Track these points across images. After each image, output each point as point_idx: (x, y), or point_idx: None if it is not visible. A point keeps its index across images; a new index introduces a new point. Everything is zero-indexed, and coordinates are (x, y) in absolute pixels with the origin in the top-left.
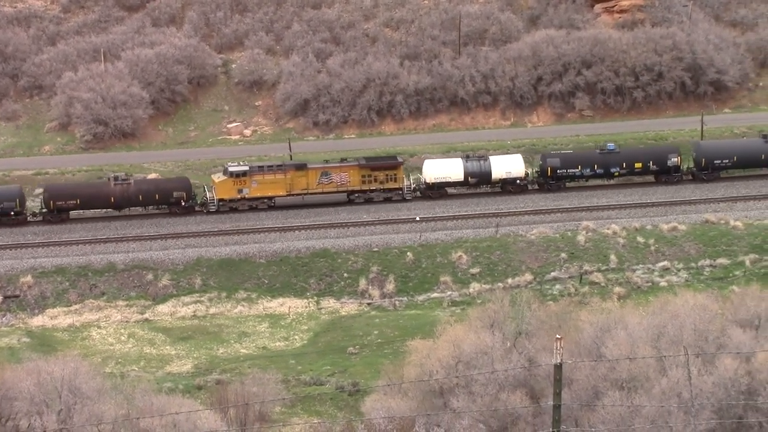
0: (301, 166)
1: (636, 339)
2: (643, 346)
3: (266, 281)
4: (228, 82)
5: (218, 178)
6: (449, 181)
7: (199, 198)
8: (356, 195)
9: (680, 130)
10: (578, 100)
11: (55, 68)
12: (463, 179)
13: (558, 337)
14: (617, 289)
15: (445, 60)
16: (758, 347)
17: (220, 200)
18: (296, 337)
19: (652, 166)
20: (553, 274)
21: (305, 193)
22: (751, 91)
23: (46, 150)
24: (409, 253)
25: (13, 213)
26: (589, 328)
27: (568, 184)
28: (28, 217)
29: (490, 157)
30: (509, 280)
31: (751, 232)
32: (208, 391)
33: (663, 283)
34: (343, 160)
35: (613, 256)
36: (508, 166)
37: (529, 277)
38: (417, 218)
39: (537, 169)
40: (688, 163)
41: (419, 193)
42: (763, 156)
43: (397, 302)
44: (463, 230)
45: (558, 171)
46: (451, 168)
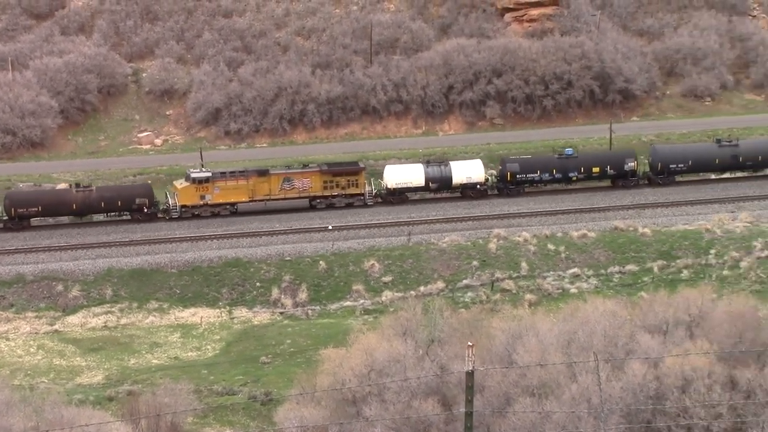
0: (263, 172)
1: (547, 345)
2: (553, 353)
3: (178, 291)
4: (139, 92)
5: (180, 184)
6: (410, 186)
7: (161, 204)
8: (318, 201)
9: (589, 138)
10: (489, 108)
11: None
12: (424, 184)
13: (469, 344)
14: (528, 296)
15: (357, 69)
16: (666, 352)
17: (183, 206)
18: (208, 347)
19: (610, 171)
20: (465, 282)
21: (268, 199)
22: (658, 99)
23: None
24: (321, 262)
25: None
26: (500, 335)
27: (527, 189)
28: None
29: (451, 163)
30: (421, 288)
31: (659, 239)
32: (120, 403)
33: (573, 290)
34: (305, 165)
35: (524, 264)
36: (468, 171)
37: (441, 284)
38: (329, 227)
39: (496, 174)
40: (644, 167)
41: (380, 199)
42: (717, 160)
43: (310, 311)
44: (375, 239)
45: (517, 176)
46: (412, 174)
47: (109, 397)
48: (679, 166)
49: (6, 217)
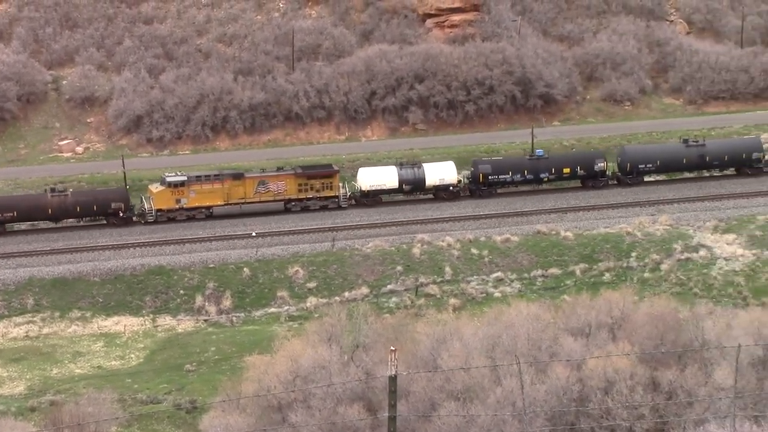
0: (238, 176)
1: (471, 349)
2: (478, 357)
3: (101, 300)
4: (59, 99)
5: (156, 188)
6: (384, 188)
7: (136, 209)
8: (293, 203)
9: (512, 143)
10: (411, 114)
11: None
12: (397, 186)
13: (392, 349)
14: (452, 301)
15: (279, 75)
16: (589, 354)
17: (158, 210)
18: (132, 356)
19: (580, 171)
20: (390, 287)
21: (243, 203)
22: (578, 104)
23: None
24: (245, 269)
25: None
26: (425, 340)
27: (499, 191)
28: None
29: (424, 165)
30: (346, 294)
31: (581, 243)
32: (42, 413)
33: (497, 294)
34: (280, 168)
35: (448, 268)
36: (441, 173)
37: (365, 290)
38: (253, 233)
39: (468, 176)
40: (611, 168)
41: (354, 201)
42: (685, 160)
43: (234, 318)
44: (299, 245)
45: (489, 177)
46: (385, 176)
47: (32, 407)
48: (648, 166)
49: None
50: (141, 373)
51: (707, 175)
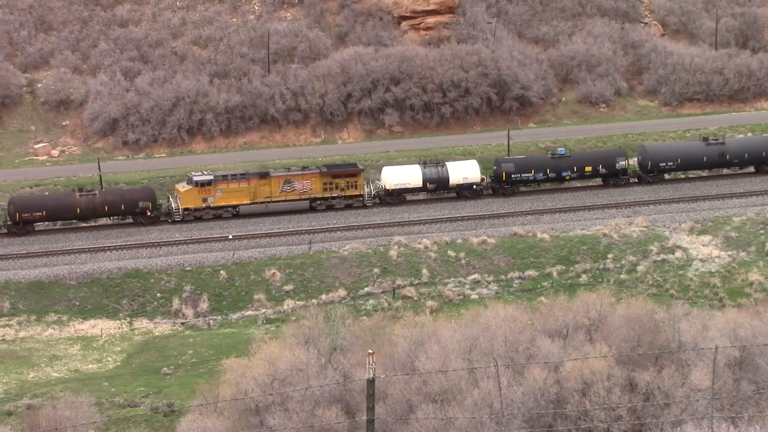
0: (264, 175)
1: (449, 352)
2: (455, 359)
3: (77, 303)
4: (34, 102)
5: (183, 187)
6: (408, 187)
7: (163, 208)
8: (318, 202)
9: (487, 145)
10: (387, 116)
11: None
12: (421, 185)
13: (370, 352)
14: (430, 303)
15: (255, 78)
16: (566, 356)
17: (186, 209)
18: (109, 359)
19: (601, 170)
20: (367, 290)
21: (269, 201)
22: (554, 106)
23: None
24: (222, 272)
25: None
26: (402, 342)
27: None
28: None
29: (447, 163)
30: (323, 296)
31: (558, 244)
32: (19, 417)
33: (474, 296)
34: (305, 167)
35: (425, 270)
36: (464, 171)
37: (342, 292)
38: (230, 236)
39: (491, 174)
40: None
41: (378, 200)
42: (705, 158)
43: (212, 321)
44: (276, 247)
45: (512, 175)
46: (410, 174)
47: (8, 411)
48: (669, 164)
49: (10, 222)
50: (118, 376)
51: (726, 172)
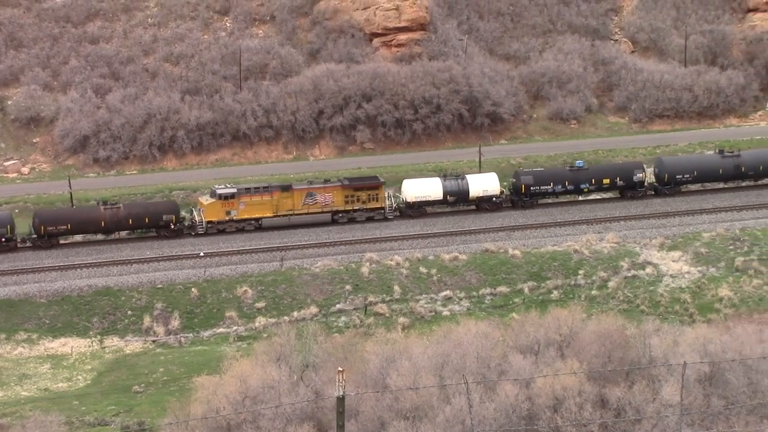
0: (286, 188)
1: (420, 368)
2: (426, 376)
3: (47, 321)
4: (4, 119)
5: (206, 200)
6: (429, 200)
7: (186, 221)
8: (340, 215)
9: (459, 161)
10: (359, 133)
11: None
12: (442, 198)
13: (340, 369)
14: (401, 320)
15: (227, 94)
16: (537, 372)
17: (209, 222)
18: (79, 378)
19: (619, 182)
20: (339, 306)
21: (291, 214)
22: (525, 122)
23: None
24: (193, 289)
25: (4, 239)
26: (374, 359)
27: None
28: (18, 243)
29: (467, 176)
30: (295, 314)
31: (529, 261)
32: None
33: (446, 312)
34: (327, 180)
35: (396, 287)
36: (484, 184)
37: (314, 309)
38: (201, 253)
39: (510, 187)
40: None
41: (399, 213)
42: (721, 170)
43: (183, 339)
44: (248, 264)
45: (531, 188)
46: (430, 187)
47: None
48: (685, 176)
49: (35, 236)
50: (88, 395)
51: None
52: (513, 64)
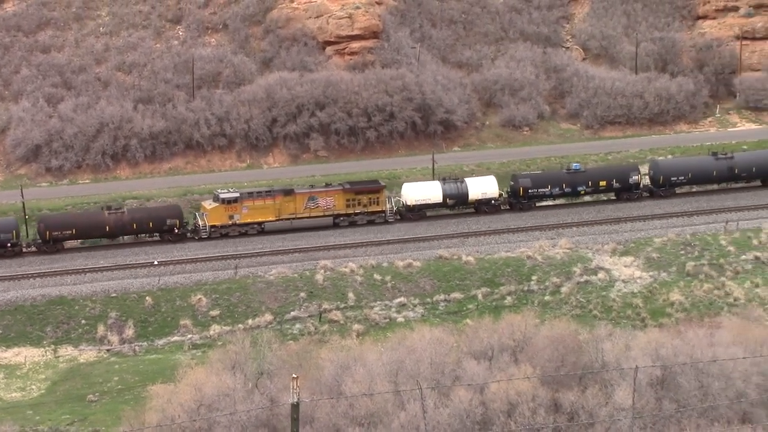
0: (288, 192)
1: (375, 375)
2: (381, 382)
3: (0, 331)
4: None
5: (210, 204)
6: (429, 203)
7: (190, 225)
8: (341, 218)
9: (413, 168)
10: (313, 140)
11: None
12: (442, 201)
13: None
14: (356, 326)
15: (180, 103)
16: (491, 378)
17: (212, 226)
18: (33, 387)
19: (615, 184)
20: (293, 314)
21: (293, 218)
22: (478, 129)
23: None
24: (148, 298)
25: (9, 245)
26: (329, 366)
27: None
28: (24, 249)
29: (466, 179)
30: (249, 321)
31: (483, 267)
32: None
33: (400, 319)
34: (328, 184)
35: (351, 294)
36: (483, 187)
37: (269, 317)
38: (155, 262)
39: (508, 190)
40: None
41: (399, 216)
42: (715, 172)
43: (137, 347)
44: (202, 273)
45: (529, 191)
46: (430, 191)
47: None
48: (680, 178)
49: (40, 241)
50: (43, 404)
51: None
52: (466, 71)
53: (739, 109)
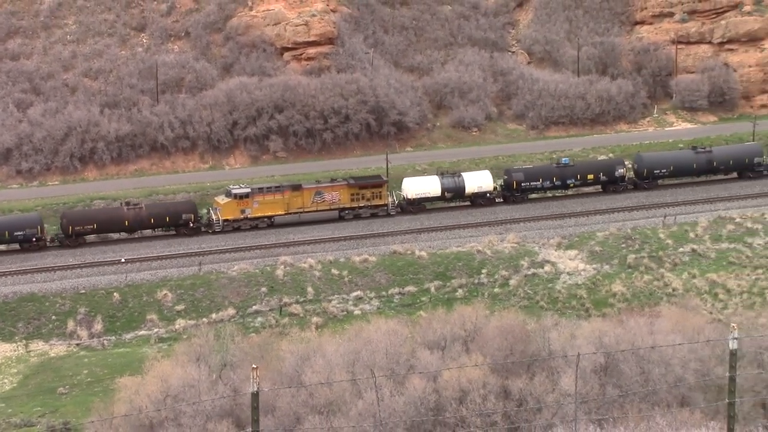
0: (296, 187)
1: (333, 365)
2: (339, 372)
3: None
4: None
5: (222, 200)
6: (428, 196)
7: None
8: (346, 212)
9: (367, 168)
10: (272, 142)
11: None
12: (440, 194)
13: (254, 366)
14: (315, 319)
15: (144, 107)
16: (444, 366)
17: (225, 220)
18: (5, 381)
19: (602, 177)
20: (255, 308)
21: (301, 212)
22: (429, 130)
23: None
24: (115, 294)
25: (35, 239)
26: (290, 357)
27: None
28: (48, 243)
29: (463, 174)
30: (213, 315)
31: (435, 261)
32: None
33: (357, 312)
34: (333, 180)
35: (310, 288)
36: (479, 181)
37: (232, 311)
38: (122, 259)
39: (501, 183)
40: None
41: (400, 209)
42: (695, 165)
43: (106, 341)
44: (167, 269)
45: (522, 184)
46: (429, 185)
47: None
48: (662, 171)
49: (63, 235)
50: (14, 397)
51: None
52: (417, 75)
53: (676, 110)
